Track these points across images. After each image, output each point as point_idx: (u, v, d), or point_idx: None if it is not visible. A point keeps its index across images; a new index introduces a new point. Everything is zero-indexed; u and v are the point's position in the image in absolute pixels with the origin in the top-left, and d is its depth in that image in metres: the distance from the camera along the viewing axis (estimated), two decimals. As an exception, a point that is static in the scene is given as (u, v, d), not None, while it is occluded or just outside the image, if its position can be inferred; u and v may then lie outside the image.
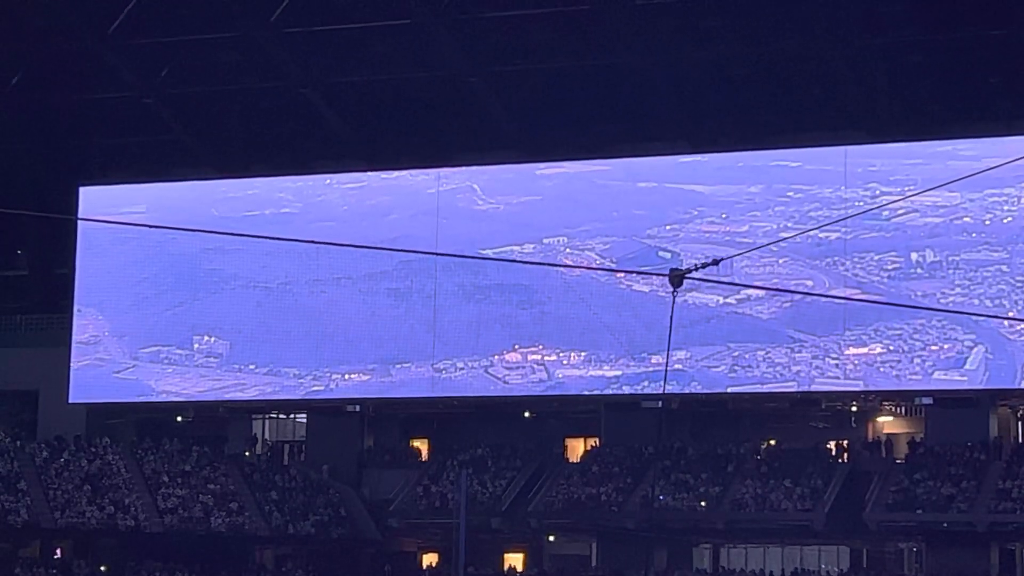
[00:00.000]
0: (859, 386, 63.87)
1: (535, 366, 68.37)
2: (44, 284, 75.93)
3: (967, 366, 62.19)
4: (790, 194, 64.96)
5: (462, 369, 68.68)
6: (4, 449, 66.36)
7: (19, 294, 76.68)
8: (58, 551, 66.16)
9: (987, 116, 62.46)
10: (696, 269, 18.99)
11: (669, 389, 65.05)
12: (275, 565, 68.12)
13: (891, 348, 63.45)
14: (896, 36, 63.31)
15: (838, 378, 66.09)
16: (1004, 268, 61.89)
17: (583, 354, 67.43)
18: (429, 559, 67.48)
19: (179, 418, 72.25)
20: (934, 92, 64.59)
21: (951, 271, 62.91)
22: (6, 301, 76.62)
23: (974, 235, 62.74)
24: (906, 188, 60.51)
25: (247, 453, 71.75)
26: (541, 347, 68.00)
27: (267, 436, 74.72)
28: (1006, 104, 62.06)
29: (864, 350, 63.97)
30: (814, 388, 64.12)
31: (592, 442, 68.41)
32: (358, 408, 69.44)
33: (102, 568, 64.66)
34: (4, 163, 72.03)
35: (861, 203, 62.08)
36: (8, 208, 63.67)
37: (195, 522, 64.94)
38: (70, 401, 70.30)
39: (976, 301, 60.47)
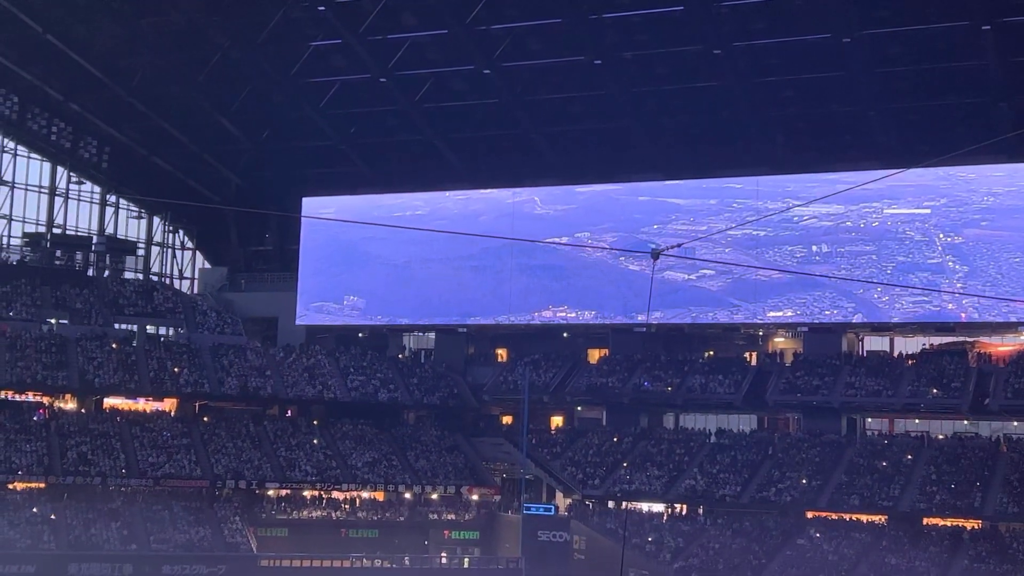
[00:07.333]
0: (764, 319, 69.90)
1: (561, 320, 75.18)
2: (281, 254, 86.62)
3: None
4: (734, 206, 70.95)
5: (513, 321, 76.23)
6: (258, 351, 76.36)
7: (267, 260, 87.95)
8: (288, 412, 75.49)
9: (845, 159, 67.95)
10: (669, 248, 21.70)
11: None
12: (415, 421, 77.82)
13: (798, 312, 68.58)
14: (780, 110, 68.39)
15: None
16: (874, 257, 67.78)
17: (593, 312, 74.10)
18: (506, 419, 77.36)
19: (360, 334, 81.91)
20: (816, 141, 69.77)
21: (838, 259, 67.79)
22: (259, 264, 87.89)
23: (854, 234, 67.87)
24: (810, 202, 64.44)
25: (400, 356, 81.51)
26: (566, 307, 74.05)
27: (411, 345, 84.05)
28: (858, 151, 67.67)
29: (780, 313, 69.37)
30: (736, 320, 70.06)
31: (604, 351, 76.92)
32: (465, 330, 79.49)
33: (315, 422, 74.12)
34: (261, 185, 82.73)
35: (780, 212, 66.54)
36: (265, 211, 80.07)
37: (369, 395, 74.64)
38: (296, 323, 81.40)
39: (855, 279, 65.37)
